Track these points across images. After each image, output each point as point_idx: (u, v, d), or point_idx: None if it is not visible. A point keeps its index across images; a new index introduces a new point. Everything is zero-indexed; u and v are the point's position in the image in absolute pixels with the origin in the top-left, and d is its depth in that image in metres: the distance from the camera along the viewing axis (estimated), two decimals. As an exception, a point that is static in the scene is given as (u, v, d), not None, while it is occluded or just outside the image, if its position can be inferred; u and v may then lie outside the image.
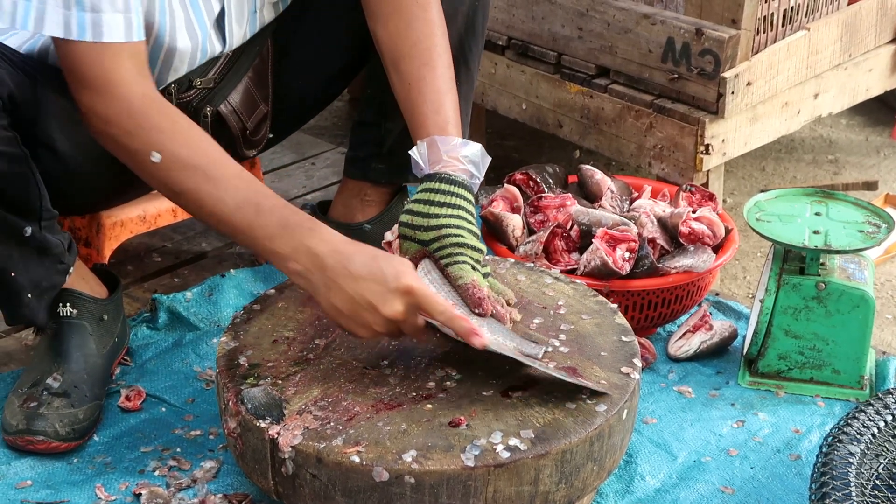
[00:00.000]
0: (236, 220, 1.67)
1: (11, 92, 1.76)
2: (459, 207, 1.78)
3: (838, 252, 2.05)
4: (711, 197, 2.35)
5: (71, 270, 1.94)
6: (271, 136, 2.24)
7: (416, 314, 1.66)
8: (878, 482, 1.71)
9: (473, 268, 1.76)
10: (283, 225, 1.67)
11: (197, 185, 1.67)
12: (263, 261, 2.46)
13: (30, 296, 1.85)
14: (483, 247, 1.81)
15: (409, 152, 1.83)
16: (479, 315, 1.75)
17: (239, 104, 2.07)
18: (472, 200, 1.81)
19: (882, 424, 1.77)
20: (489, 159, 1.85)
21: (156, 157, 1.67)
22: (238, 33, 2.00)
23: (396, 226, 1.82)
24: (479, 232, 1.82)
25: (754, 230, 2.11)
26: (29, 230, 1.80)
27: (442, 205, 1.77)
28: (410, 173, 1.88)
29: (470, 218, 1.80)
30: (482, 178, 1.84)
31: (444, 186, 1.78)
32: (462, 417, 1.66)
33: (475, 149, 1.83)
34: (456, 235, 1.76)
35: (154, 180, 1.72)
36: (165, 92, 1.95)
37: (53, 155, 1.87)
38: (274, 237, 1.66)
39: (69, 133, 1.88)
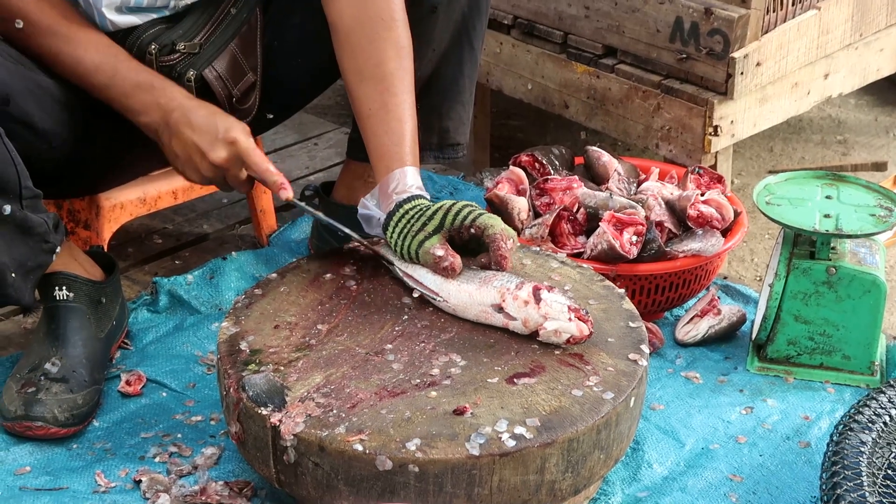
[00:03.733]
0: (95, 79, 1.89)
1: None
2: (432, 201, 1.86)
3: (850, 237, 2.02)
4: (720, 179, 2.32)
5: (58, 250, 1.91)
6: (271, 116, 2.20)
7: (239, 165, 1.86)
8: (889, 472, 1.68)
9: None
10: (136, 84, 1.88)
11: (58, 48, 1.88)
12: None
13: (14, 275, 1.83)
14: None
15: (359, 214, 1.92)
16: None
17: (225, 70, 2.05)
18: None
19: (894, 412, 1.75)
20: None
21: (19, 23, 1.86)
22: None
23: (437, 243, 1.83)
24: None
25: (764, 214, 2.08)
26: (8, 209, 1.77)
27: (420, 208, 1.84)
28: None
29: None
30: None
31: (406, 206, 1.85)
32: (467, 405, 1.63)
33: (416, 174, 1.89)
34: (454, 202, 1.84)
35: (21, 44, 1.88)
36: (147, 53, 1.97)
37: (34, 133, 1.85)
38: (128, 95, 1.88)
39: (50, 111, 1.87)
